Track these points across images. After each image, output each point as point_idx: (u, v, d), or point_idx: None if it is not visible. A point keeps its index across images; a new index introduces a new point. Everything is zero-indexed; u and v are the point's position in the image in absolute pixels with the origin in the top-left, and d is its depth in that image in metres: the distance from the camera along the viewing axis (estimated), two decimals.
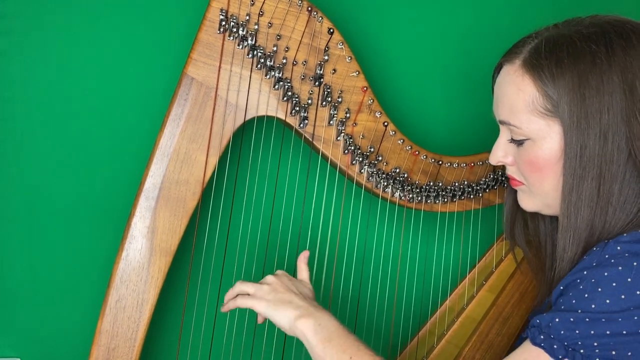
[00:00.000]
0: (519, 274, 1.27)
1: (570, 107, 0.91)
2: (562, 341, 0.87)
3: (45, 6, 1.12)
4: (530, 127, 0.95)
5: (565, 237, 0.94)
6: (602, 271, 0.86)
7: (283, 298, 1.01)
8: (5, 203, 1.14)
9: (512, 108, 0.97)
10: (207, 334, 1.15)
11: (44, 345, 1.18)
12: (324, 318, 0.99)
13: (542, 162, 0.95)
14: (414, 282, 1.29)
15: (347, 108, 1.12)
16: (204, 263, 1.16)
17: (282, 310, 0.99)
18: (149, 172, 1.04)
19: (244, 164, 1.16)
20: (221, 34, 1.05)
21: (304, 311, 0.99)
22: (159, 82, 1.17)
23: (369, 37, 1.29)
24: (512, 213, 1.13)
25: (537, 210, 1.02)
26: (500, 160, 1.03)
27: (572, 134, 0.91)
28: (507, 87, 0.97)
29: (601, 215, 0.92)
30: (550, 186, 0.97)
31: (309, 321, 0.98)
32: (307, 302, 1.01)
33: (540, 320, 0.90)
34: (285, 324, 0.99)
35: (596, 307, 0.86)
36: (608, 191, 0.91)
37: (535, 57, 0.94)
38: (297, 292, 1.02)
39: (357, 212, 1.28)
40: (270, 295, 1.01)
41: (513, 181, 1.04)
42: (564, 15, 1.00)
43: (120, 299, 1.03)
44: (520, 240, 1.14)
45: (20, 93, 1.13)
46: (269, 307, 1.00)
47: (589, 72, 0.90)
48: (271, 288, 1.02)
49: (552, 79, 0.92)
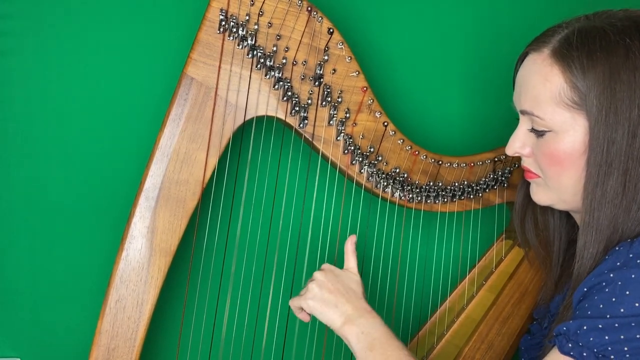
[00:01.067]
0: (519, 274, 1.27)
1: (600, 101, 0.89)
2: (592, 348, 0.85)
3: (45, 6, 1.12)
4: (554, 119, 0.93)
5: (587, 234, 0.92)
6: (629, 273, 0.85)
7: (330, 300, 1.00)
8: (6, 203, 1.14)
9: (536, 98, 0.94)
10: (207, 333, 1.15)
11: (44, 345, 1.18)
12: (367, 324, 0.98)
13: (562, 155, 0.93)
14: (414, 282, 1.29)
15: (347, 108, 1.12)
16: (204, 263, 1.16)
17: (328, 314, 1.00)
18: (148, 172, 1.04)
19: (243, 164, 1.16)
20: (221, 34, 1.05)
21: (349, 317, 0.99)
22: (158, 82, 1.17)
23: (368, 37, 1.29)
24: (523, 206, 1.11)
25: (550, 205, 1.00)
26: (518, 151, 1.00)
27: (599, 128, 0.89)
28: (533, 76, 0.95)
29: (625, 213, 0.90)
30: (569, 181, 0.94)
31: (352, 329, 0.98)
32: (352, 306, 1.00)
33: (567, 328, 0.88)
34: (332, 327, 1.00)
35: (625, 311, 0.84)
36: (633, 189, 0.89)
37: (566, 47, 0.91)
38: (344, 291, 1.01)
39: (356, 212, 1.28)
40: (318, 296, 1.01)
41: (528, 173, 1.01)
42: (564, 15, 1.00)
43: (120, 299, 1.03)
44: (530, 235, 1.13)
45: (20, 93, 1.13)
46: (315, 310, 1.01)
47: (621, 66, 0.88)
48: (319, 288, 1.01)
49: (583, 70, 0.90)
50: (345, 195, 1.22)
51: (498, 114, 1.27)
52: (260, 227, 1.18)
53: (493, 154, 1.23)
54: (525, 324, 1.22)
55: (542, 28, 0.99)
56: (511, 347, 1.21)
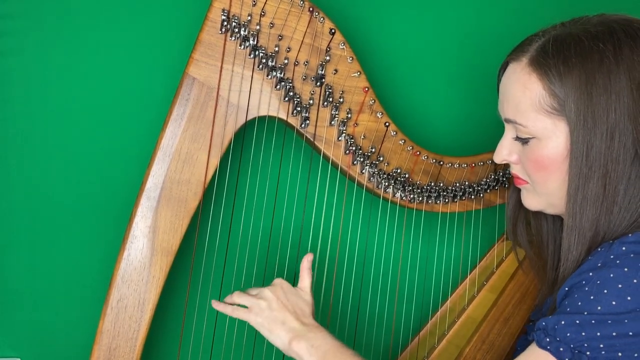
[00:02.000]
0: (519, 275, 1.27)
1: (577, 106, 0.91)
2: (569, 343, 0.87)
3: (45, 6, 1.12)
4: (536, 126, 0.95)
5: (570, 237, 0.93)
6: (608, 272, 0.86)
7: (277, 317, 1.01)
8: (6, 203, 1.14)
9: (518, 106, 0.96)
10: (209, 333, 1.15)
11: (44, 345, 1.18)
12: (317, 338, 0.99)
13: (547, 161, 0.95)
14: (415, 282, 1.29)
15: (348, 108, 1.12)
16: (205, 263, 1.16)
17: (276, 332, 1.01)
18: (150, 172, 1.04)
19: (245, 164, 1.16)
20: (223, 34, 1.05)
21: (297, 333, 1.00)
22: (160, 82, 1.17)
23: (370, 38, 1.29)
24: (514, 212, 1.13)
25: (540, 210, 1.02)
26: (505, 158, 1.02)
27: (578, 132, 0.91)
28: (514, 85, 0.97)
29: (606, 215, 0.91)
30: (555, 185, 0.96)
31: (302, 343, 0.99)
32: (299, 322, 1.01)
33: (546, 323, 0.89)
34: (279, 345, 1.01)
35: (602, 309, 0.85)
36: (614, 191, 0.91)
37: (543, 55, 0.94)
38: (293, 310, 1.03)
39: (358, 212, 1.28)
40: (265, 313, 1.02)
41: (517, 180, 1.03)
42: (565, 16, 1.00)
43: (122, 299, 1.03)
44: (523, 240, 1.14)
45: (20, 93, 1.13)
46: (263, 327, 1.02)
47: (596, 70, 0.90)
48: (267, 304, 1.02)
49: (560, 77, 0.92)
50: (347, 195, 1.22)
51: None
52: (262, 227, 1.18)
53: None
54: (527, 324, 1.22)
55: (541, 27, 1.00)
56: (512, 348, 1.22)
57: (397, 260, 1.29)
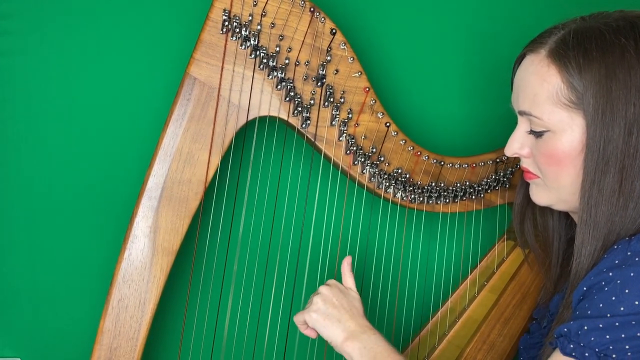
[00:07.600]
0: (520, 275, 1.27)
1: (596, 100, 0.89)
2: (593, 348, 0.85)
3: (46, 6, 1.12)
4: (552, 119, 0.93)
5: (584, 232, 0.92)
6: (628, 271, 0.85)
7: (333, 314, 1.02)
8: (6, 203, 1.14)
9: (534, 98, 0.94)
10: (209, 333, 1.15)
11: (44, 345, 1.18)
12: (370, 340, 1.00)
13: (561, 154, 0.93)
14: (416, 282, 1.29)
15: (349, 109, 1.12)
16: (206, 263, 1.16)
17: (331, 329, 1.01)
18: (151, 172, 1.04)
19: (246, 164, 1.16)
20: (224, 34, 1.05)
21: (351, 333, 1.00)
22: (161, 82, 1.17)
23: (371, 38, 1.29)
24: (522, 207, 1.12)
25: (549, 205, 1.00)
26: (517, 152, 1.00)
27: (596, 126, 0.90)
28: (531, 77, 0.95)
29: (621, 211, 0.90)
30: (567, 180, 0.95)
31: (355, 344, 0.99)
32: (355, 322, 1.02)
33: (568, 329, 0.88)
34: (333, 342, 1.01)
35: (625, 310, 0.84)
36: (630, 186, 0.90)
37: (563, 47, 0.92)
38: (348, 308, 1.03)
39: (358, 212, 1.28)
40: (321, 309, 1.02)
41: (527, 174, 1.01)
42: (565, 16, 1.00)
43: (123, 299, 1.03)
44: (529, 236, 1.13)
45: (21, 93, 1.13)
46: (318, 322, 1.02)
47: (617, 65, 0.89)
48: (323, 301, 1.03)
49: (579, 70, 0.90)
50: (347, 195, 1.22)
51: (500, 115, 1.27)
52: (263, 227, 1.18)
53: (495, 155, 1.23)
54: (527, 325, 1.22)
55: (542, 28, 1.00)
56: (512, 348, 1.22)
57: (398, 261, 1.29)
